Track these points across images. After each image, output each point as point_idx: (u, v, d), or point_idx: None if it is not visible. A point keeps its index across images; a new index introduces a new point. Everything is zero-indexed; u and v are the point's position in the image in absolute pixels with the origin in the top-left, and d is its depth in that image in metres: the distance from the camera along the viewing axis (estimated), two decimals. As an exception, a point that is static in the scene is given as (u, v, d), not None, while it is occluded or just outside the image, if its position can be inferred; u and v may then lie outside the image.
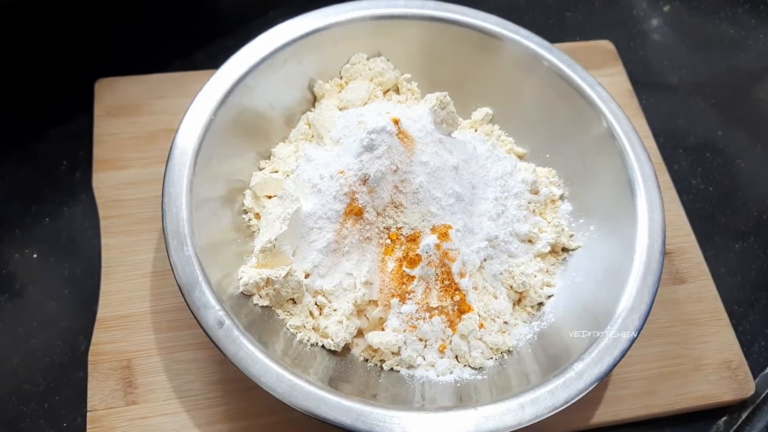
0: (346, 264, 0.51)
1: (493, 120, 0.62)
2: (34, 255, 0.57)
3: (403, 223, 0.50)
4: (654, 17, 0.79)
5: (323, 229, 0.51)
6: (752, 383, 0.55)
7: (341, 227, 0.50)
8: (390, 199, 0.50)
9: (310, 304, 0.51)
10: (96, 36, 0.69)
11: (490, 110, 0.62)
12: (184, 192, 0.49)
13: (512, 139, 0.62)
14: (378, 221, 0.51)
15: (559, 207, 0.58)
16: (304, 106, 0.60)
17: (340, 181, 0.50)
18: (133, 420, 0.49)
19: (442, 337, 0.50)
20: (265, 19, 0.69)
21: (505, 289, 0.54)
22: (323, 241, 0.51)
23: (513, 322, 0.53)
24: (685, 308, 0.58)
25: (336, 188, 0.50)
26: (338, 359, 0.50)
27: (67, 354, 0.53)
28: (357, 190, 0.50)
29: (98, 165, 0.60)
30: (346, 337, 0.49)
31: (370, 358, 0.50)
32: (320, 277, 0.51)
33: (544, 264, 0.55)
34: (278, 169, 0.56)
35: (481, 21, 0.60)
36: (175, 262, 0.47)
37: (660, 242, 0.51)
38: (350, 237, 0.50)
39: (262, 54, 0.56)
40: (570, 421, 0.52)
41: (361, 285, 0.50)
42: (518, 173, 0.58)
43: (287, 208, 0.51)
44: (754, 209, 0.66)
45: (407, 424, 0.43)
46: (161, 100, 0.64)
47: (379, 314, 0.50)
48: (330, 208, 0.50)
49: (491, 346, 0.51)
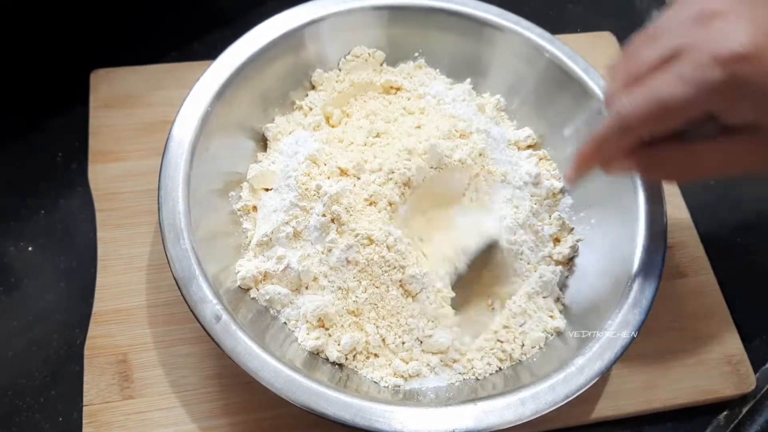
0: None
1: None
2: (30, 248, 0.57)
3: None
4: (655, 8, 0.78)
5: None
6: (753, 378, 0.55)
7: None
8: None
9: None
10: (92, 26, 0.68)
11: (502, 98, 0.61)
12: (181, 184, 0.49)
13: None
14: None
15: (560, 200, 0.58)
16: (302, 97, 0.59)
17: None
18: (130, 414, 0.49)
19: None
20: (263, 10, 0.68)
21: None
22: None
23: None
24: (686, 303, 0.57)
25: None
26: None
27: (63, 348, 0.53)
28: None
29: (94, 157, 0.59)
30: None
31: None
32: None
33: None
34: (276, 161, 0.55)
35: (482, 12, 0.59)
36: (172, 255, 0.46)
37: (662, 236, 0.51)
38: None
39: (260, 45, 0.55)
40: (570, 416, 0.51)
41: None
42: (523, 165, 0.57)
43: (284, 200, 0.50)
44: (755, 202, 0.66)
45: (407, 419, 0.43)
46: (158, 91, 0.63)
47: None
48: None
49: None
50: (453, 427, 0.43)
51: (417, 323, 0.49)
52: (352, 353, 0.48)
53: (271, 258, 0.50)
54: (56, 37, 0.67)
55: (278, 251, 0.49)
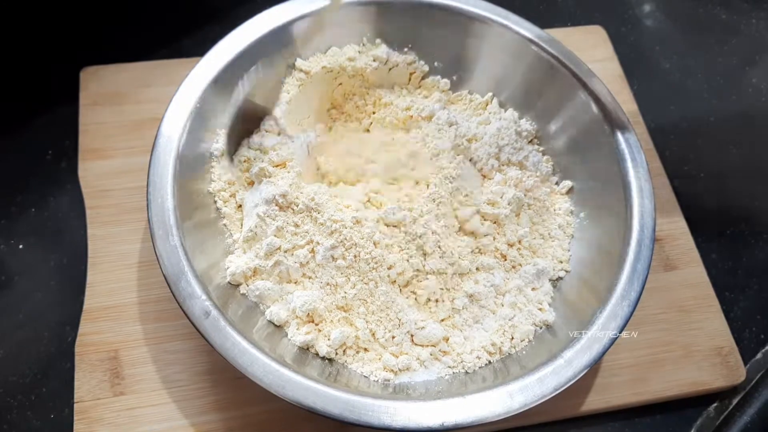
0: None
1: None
2: (20, 246, 0.57)
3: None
4: (646, 2, 0.78)
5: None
6: (743, 369, 0.55)
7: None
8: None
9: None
10: (81, 24, 0.68)
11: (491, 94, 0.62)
12: (170, 181, 0.49)
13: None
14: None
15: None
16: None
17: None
18: (121, 411, 0.49)
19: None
20: (252, 6, 0.68)
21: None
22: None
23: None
24: (676, 295, 0.58)
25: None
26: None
27: (54, 345, 0.53)
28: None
29: (84, 154, 0.59)
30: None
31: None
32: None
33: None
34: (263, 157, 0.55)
35: (470, 6, 0.59)
36: (161, 252, 0.46)
37: (650, 229, 0.51)
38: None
39: (248, 41, 0.55)
40: (560, 409, 0.52)
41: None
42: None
43: (263, 193, 0.51)
44: (745, 195, 0.66)
45: (396, 413, 0.43)
46: (147, 88, 0.63)
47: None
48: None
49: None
50: (442, 421, 0.43)
51: (407, 317, 0.49)
52: (342, 348, 0.49)
53: (260, 252, 0.50)
54: (45, 35, 0.67)
55: (265, 243, 0.49)
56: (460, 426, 0.43)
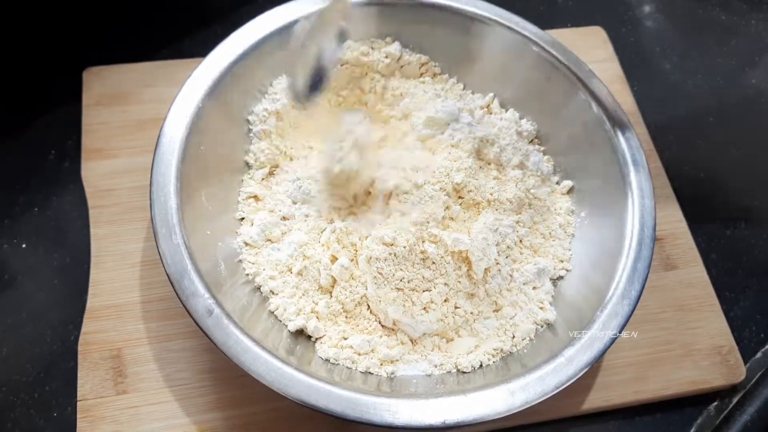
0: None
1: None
2: (23, 245, 0.57)
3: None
4: (646, 3, 0.79)
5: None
6: (743, 368, 0.55)
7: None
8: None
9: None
10: (84, 25, 0.68)
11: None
12: (173, 181, 0.49)
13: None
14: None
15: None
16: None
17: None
18: (124, 409, 0.49)
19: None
20: (254, 7, 0.69)
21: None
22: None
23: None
24: (676, 294, 0.58)
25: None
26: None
27: (57, 344, 0.53)
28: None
29: (87, 154, 0.59)
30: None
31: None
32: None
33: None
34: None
35: (471, 7, 0.59)
36: (164, 251, 0.47)
37: (651, 228, 0.51)
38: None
39: (251, 41, 0.55)
40: (560, 408, 0.52)
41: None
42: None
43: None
44: (745, 195, 0.66)
45: (397, 410, 0.43)
46: (150, 88, 0.63)
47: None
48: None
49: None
50: (443, 418, 0.43)
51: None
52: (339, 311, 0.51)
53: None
54: (48, 35, 0.67)
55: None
56: (461, 424, 0.43)
